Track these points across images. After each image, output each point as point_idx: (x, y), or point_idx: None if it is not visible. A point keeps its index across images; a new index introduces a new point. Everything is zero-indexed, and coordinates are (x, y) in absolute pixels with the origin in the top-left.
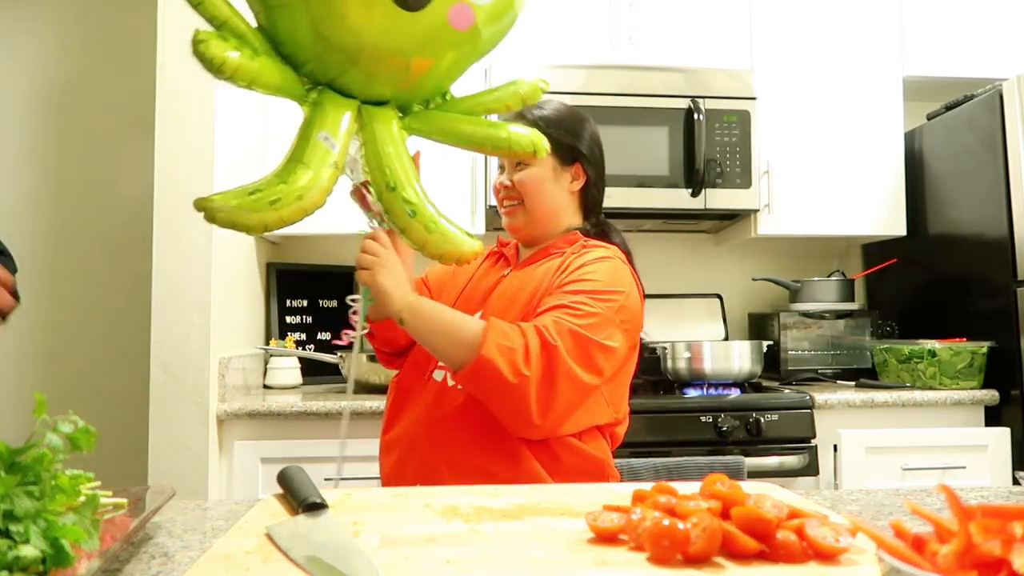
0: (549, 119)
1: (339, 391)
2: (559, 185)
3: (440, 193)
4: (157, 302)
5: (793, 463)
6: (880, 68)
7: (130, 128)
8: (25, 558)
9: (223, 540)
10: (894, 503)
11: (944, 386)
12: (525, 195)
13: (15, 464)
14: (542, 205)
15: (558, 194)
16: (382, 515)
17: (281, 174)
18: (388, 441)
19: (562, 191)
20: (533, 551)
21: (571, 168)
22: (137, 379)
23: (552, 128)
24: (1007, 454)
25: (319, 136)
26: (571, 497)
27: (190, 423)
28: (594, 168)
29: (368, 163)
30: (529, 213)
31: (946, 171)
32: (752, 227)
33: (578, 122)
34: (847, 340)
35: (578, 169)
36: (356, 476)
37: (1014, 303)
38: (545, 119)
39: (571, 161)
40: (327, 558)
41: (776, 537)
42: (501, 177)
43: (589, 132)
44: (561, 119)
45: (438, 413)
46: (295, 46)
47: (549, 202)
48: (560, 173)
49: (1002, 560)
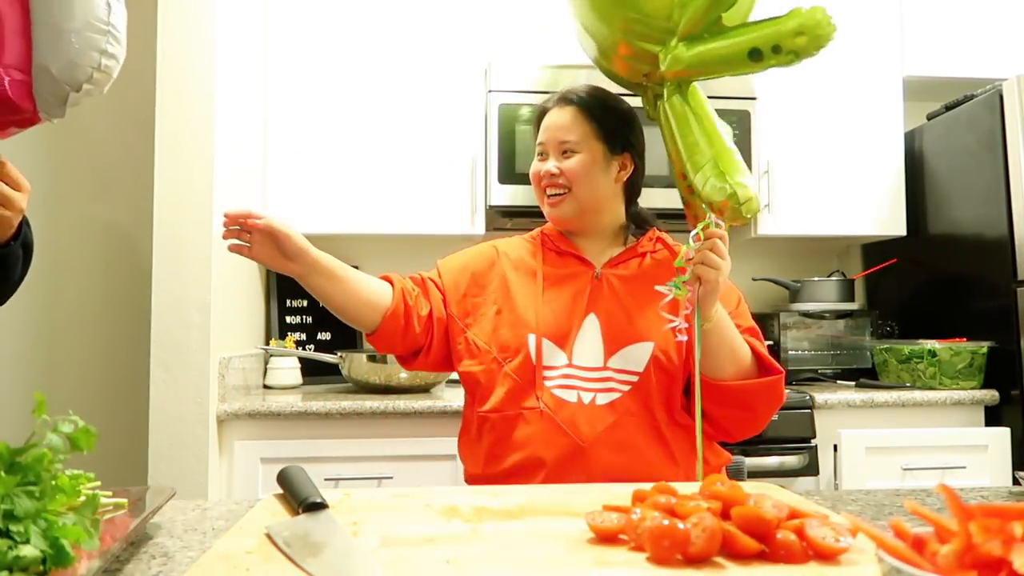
0: (598, 106)
1: (339, 391)
2: (608, 174)
3: (440, 193)
4: (157, 302)
5: (793, 463)
6: (880, 68)
7: (130, 128)
8: (25, 558)
9: (223, 540)
10: (894, 503)
11: (944, 386)
12: (574, 183)
13: (15, 464)
14: (592, 194)
15: (606, 183)
16: (382, 515)
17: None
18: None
19: (609, 180)
20: (533, 551)
21: (620, 157)
22: (137, 379)
23: (602, 116)
24: (1007, 454)
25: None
26: (571, 497)
27: (190, 423)
28: (640, 159)
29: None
30: (578, 202)
31: (946, 171)
32: (752, 227)
33: (627, 110)
34: (847, 340)
35: (627, 159)
36: (356, 476)
37: (1014, 303)
38: (593, 106)
39: (621, 150)
40: (327, 558)
41: (776, 537)
42: (546, 164)
43: (637, 121)
44: (611, 107)
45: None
46: None
47: (598, 191)
48: (610, 161)
49: (1002, 560)
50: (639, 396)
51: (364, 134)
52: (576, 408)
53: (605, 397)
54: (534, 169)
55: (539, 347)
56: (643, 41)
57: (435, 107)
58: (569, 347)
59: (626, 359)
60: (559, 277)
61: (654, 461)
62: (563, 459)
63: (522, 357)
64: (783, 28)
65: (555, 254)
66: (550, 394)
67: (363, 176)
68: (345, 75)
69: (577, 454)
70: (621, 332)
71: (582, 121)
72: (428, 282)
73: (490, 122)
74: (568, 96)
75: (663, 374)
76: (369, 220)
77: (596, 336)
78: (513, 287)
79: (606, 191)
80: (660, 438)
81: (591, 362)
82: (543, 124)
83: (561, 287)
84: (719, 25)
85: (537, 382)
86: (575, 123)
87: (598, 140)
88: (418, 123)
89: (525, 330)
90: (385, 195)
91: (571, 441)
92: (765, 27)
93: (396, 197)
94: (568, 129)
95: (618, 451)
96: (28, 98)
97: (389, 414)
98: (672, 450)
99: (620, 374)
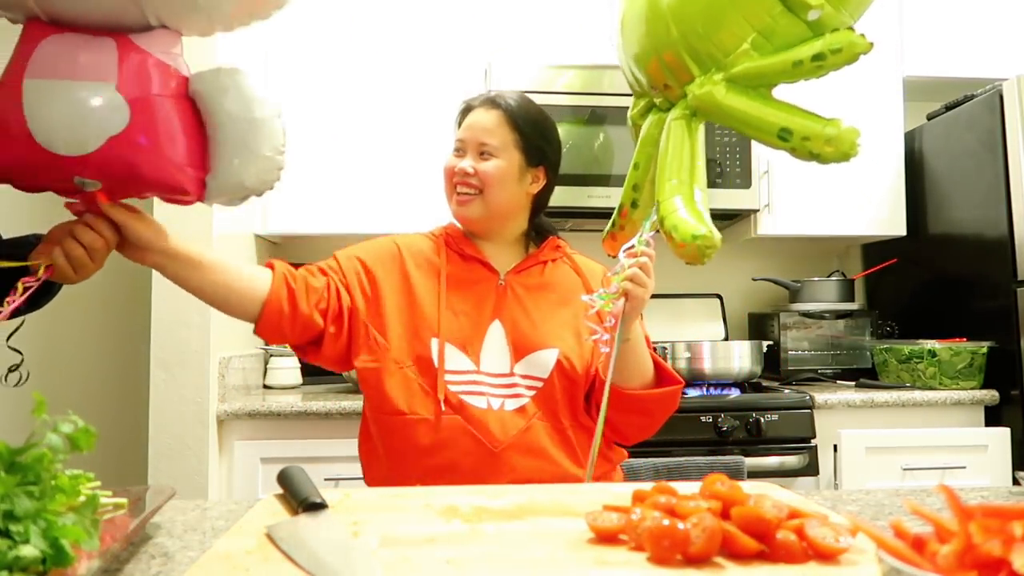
0: (523, 116)
1: (339, 391)
2: (521, 184)
3: (440, 193)
4: (157, 302)
5: (793, 463)
6: (880, 68)
7: None
8: (25, 558)
9: (223, 540)
10: (894, 503)
11: (944, 386)
12: (487, 187)
13: (15, 464)
14: (502, 200)
15: (518, 193)
16: (382, 515)
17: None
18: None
19: (522, 190)
20: (533, 551)
21: (535, 170)
22: (137, 379)
23: (526, 127)
24: (1007, 454)
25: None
26: (571, 497)
27: (190, 423)
28: (554, 174)
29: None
30: (487, 206)
31: (946, 171)
32: (752, 227)
33: (550, 126)
34: (847, 340)
35: (540, 172)
36: (356, 476)
37: (1014, 303)
38: (519, 115)
39: (537, 163)
40: (327, 558)
41: (776, 537)
42: (461, 162)
43: (557, 137)
44: (535, 120)
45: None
46: None
47: (509, 199)
48: (525, 172)
49: (1002, 560)
50: (544, 401)
51: (363, 134)
52: (487, 413)
53: (513, 403)
54: (448, 164)
55: (442, 351)
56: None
57: (435, 107)
58: (476, 353)
59: (531, 365)
60: (463, 281)
61: (560, 463)
62: (477, 464)
63: (423, 360)
64: (820, 130)
65: (459, 256)
66: (458, 399)
67: (362, 176)
68: (344, 74)
69: (490, 459)
70: (526, 339)
71: (506, 128)
72: (328, 271)
73: None
74: (496, 100)
75: (566, 380)
76: (369, 220)
77: (502, 343)
78: (416, 285)
79: (516, 200)
80: (566, 441)
81: (498, 368)
82: (465, 122)
83: (466, 292)
84: (765, 89)
85: (439, 386)
86: (498, 128)
87: (517, 149)
88: (418, 123)
89: (428, 333)
90: (385, 195)
91: (483, 447)
92: (806, 118)
93: (396, 197)
94: (490, 132)
95: (528, 455)
96: (200, 189)
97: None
98: (577, 452)
99: (526, 379)
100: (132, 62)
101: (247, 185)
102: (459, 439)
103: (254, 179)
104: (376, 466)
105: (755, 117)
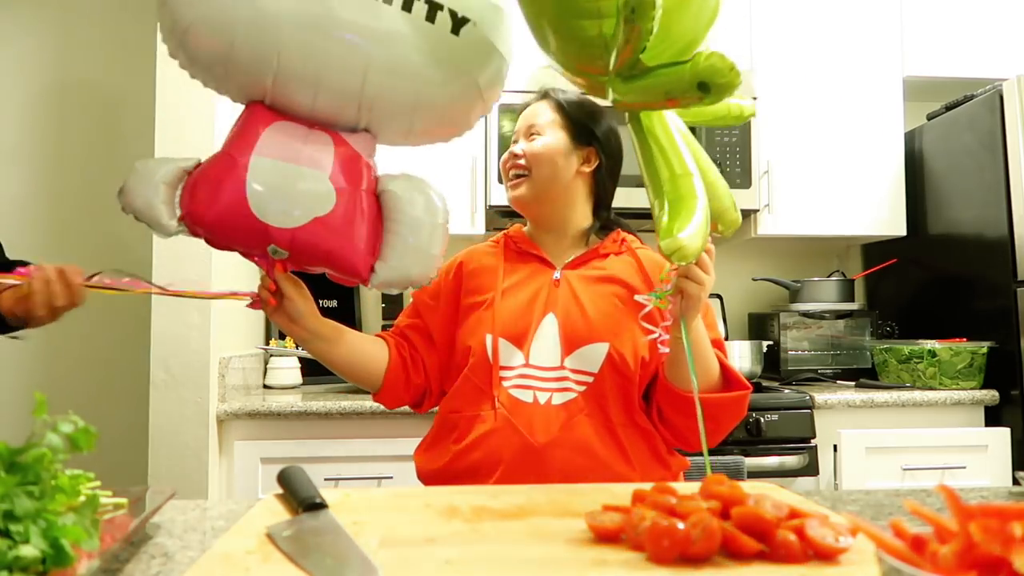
0: (570, 100)
1: (339, 391)
2: (568, 161)
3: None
4: (157, 302)
5: (793, 463)
6: (880, 68)
7: (130, 128)
8: (25, 558)
9: (223, 540)
10: (894, 503)
11: (944, 386)
12: (533, 164)
13: (15, 464)
14: (549, 176)
15: (566, 171)
16: (382, 515)
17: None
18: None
19: (570, 169)
20: (533, 551)
21: (585, 150)
22: (137, 379)
23: (571, 108)
24: (1007, 454)
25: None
26: (571, 497)
27: (190, 423)
28: (608, 158)
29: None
30: (535, 184)
31: (946, 171)
32: (752, 227)
33: (598, 110)
34: (847, 340)
35: (591, 152)
36: (356, 476)
37: (1014, 303)
38: (567, 100)
39: (585, 142)
40: (327, 558)
41: (776, 537)
42: (513, 148)
43: (607, 122)
44: (581, 102)
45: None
46: None
47: (556, 174)
48: (572, 150)
49: (1002, 560)
50: (594, 396)
51: None
52: (532, 408)
53: (561, 397)
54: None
55: (495, 347)
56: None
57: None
58: (526, 347)
59: (582, 359)
60: (519, 277)
61: (609, 462)
62: (518, 459)
63: (479, 357)
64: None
65: (516, 254)
66: (507, 394)
67: None
68: None
69: (532, 454)
70: (578, 332)
71: (550, 110)
72: (410, 328)
73: (490, 122)
74: (547, 92)
75: (618, 375)
76: None
77: (554, 336)
78: (470, 290)
79: (565, 179)
80: (615, 439)
81: (548, 362)
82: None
83: (520, 287)
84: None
85: (494, 382)
86: (544, 110)
87: (563, 129)
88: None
89: (482, 330)
90: None
91: (526, 442)
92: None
93: None
94: (536, 114)
95: (573, 451)
96: (368, 273)
97: (389, 414)
98: (627, 451)
99: (576, 374)
100: (343, 157)
101: (412, 278)
102: (504, 434)
103: (419, 274)
104: (434, 459)
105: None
